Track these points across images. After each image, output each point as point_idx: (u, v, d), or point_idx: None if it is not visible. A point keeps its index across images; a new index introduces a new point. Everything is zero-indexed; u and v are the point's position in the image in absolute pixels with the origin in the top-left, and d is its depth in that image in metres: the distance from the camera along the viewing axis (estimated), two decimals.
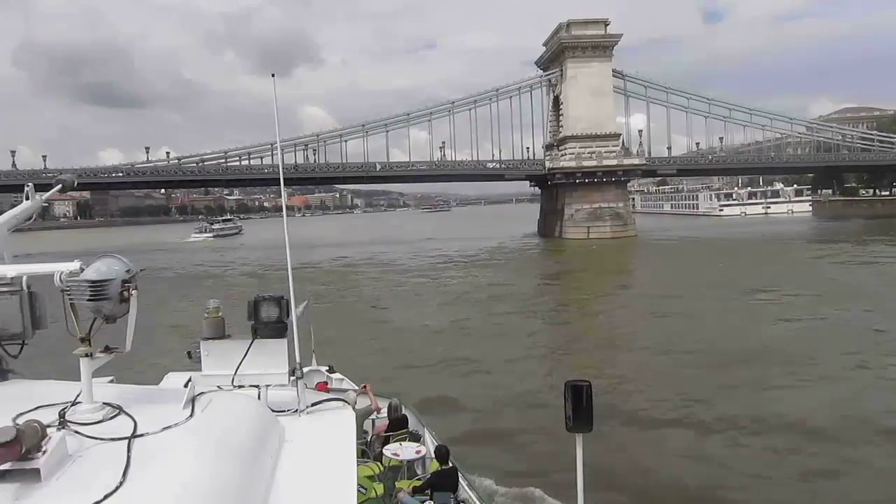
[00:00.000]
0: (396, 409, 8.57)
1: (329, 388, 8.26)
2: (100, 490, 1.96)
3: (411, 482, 7.50)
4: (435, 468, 7.36)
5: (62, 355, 2.75)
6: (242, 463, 2.52)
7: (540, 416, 13.65)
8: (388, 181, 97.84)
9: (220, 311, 3.74)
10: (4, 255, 3.55)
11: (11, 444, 1.90)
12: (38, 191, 4.27)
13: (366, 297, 35.16)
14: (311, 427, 3.28)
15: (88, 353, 2.58)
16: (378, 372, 14.86)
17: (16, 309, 2.99)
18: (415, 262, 54.77)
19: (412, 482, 7.50)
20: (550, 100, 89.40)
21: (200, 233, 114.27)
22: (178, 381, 4.03)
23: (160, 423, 2.43)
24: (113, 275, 2.56)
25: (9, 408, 2.39)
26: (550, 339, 24.25)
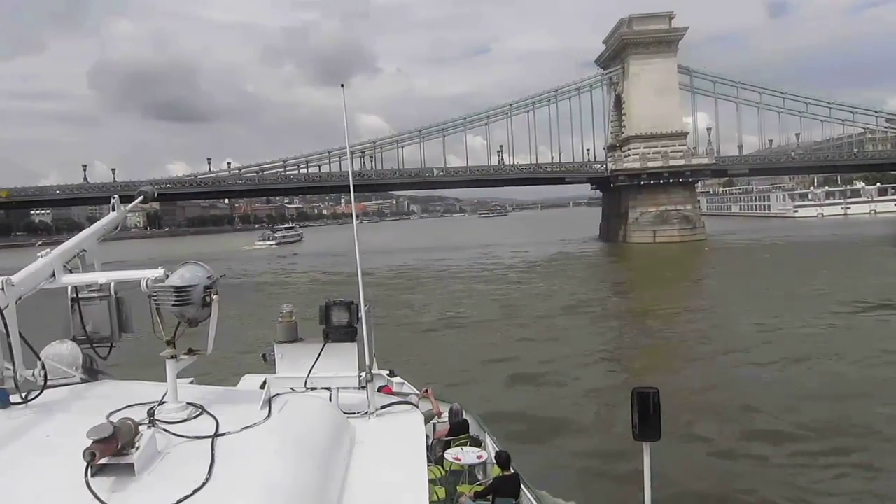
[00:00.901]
0: (457, 413, 8.51)
1: (391, 391, 8.09)
2: (188, 485, 2.06)
3: (472, 487, 7.51)
4: (496, 474, 7.38)
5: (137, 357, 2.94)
6: (318, 463, 2.60)
7: (604, 425, 13.43)
8: (445, 187, 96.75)
9: (293, 316, 3.79)
10: (95, 263, 3.58)
11: (109, 440, 2.02)
12: (124, 202, 4.32)
13: (423, 305, 33.87)
14: (381, 429, 3.29)
15: (173, 356, 2.68)
16: (437, 378, 14.41)
17: (105, 313, 3.23)
18: (473, 268, 53.13)
19: (473, 487, 7.51)
20: (612, 99, 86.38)
21: (264, 240, 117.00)
22: (254, 383, 4.26)
23: (240, 423, 2.52)
24: (196, 281, 2.69)
25: (101, 406, 2.56)
26: (618, 353, 22.52)
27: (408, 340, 22.39)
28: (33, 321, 2.96)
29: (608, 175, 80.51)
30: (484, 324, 27.57)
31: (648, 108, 78.75)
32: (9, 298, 2.71)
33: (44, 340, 3.13)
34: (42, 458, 2.20)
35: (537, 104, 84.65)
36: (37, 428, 2.48)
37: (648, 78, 78.88)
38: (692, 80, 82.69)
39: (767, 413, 14.30)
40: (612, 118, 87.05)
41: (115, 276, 3.21)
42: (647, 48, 79.45)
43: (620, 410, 12.09)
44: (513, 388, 17.24)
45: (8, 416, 2.60)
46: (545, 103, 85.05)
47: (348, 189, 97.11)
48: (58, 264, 3.19)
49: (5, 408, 2.68)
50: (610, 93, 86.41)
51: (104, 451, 2.02)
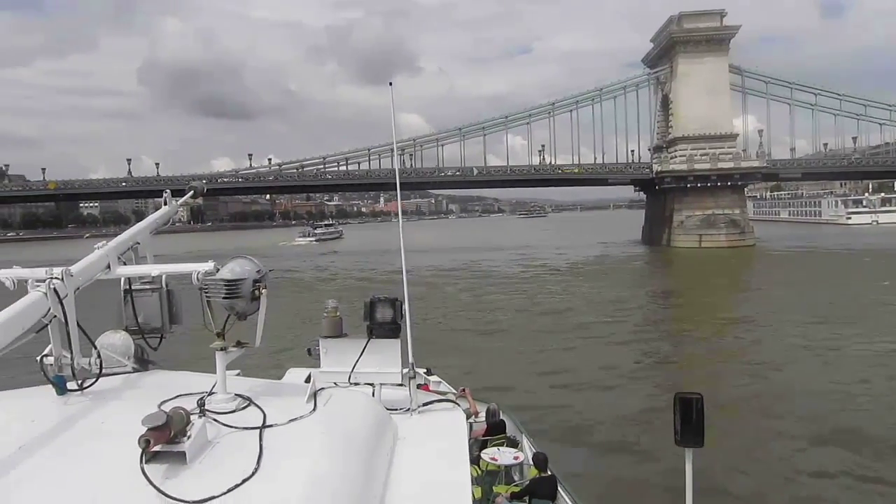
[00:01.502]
0: (494, 413, 8.47)
1: (429, 390, 7.90)
2: (238, 474, 2.10)
3: (509, 487, 7.47)
4: (533, 475, 7.33)
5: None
6: (363, 457, 2.62)
7: (645, 431, 13.28)
8: (484, 186, 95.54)
9: (338, 311, 3.93)
10: (147, 256, 3.63)
11: (162, 428, 2.07)
12: (175, 196, 4.37)
13: (460, 306, 32.94)
14: (423, 426, 3.28)
15: (223, 347, 2.71)
16: (474, 379, 14.11)
17: (156, 305, 3.28)
18: (513, 270, 51.94)
19: (510, 487, 7.47)
20: (658, 99, 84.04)
21: (304, 237, 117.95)
22: (299, 377, 4.78)
23: (287, 416, 2.55)
24: (245, 274, 2.70)
25: (153, 395, 2.60)
26: (663, 363, 21.34)
27: (445, 341, 21.93)
28: (83, 311, 2.95)
29: (653, 177, 78.23)
30: (522, 327, 26.73)
31: (697, 109, 76.21)
32: (68, 288, 2.76)
33: (95, 330, 3.14)
34: (98, 444, 2.26)
35: (580, 103, 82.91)
36: (92, 414, 2.54)
37: (698, 77, 76.29)
38: (743, 81, 79.84)
39: (817, 427, 13.74)
40: (659, 118, 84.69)
41: (167, 269, 3.27)
42: (697, 47, 76.88)
43: (663, 417, 12.61)
44: (551, 392, 16.91)
45: (65, 402, 2.66)
46: (588, 103, 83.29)
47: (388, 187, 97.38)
48: (113, 256, 3.29)
49: (62, 394, 2.72)
50: (656, 92, 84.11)
51: (158, 439, 2.06)
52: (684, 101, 77.94)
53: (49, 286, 2.70)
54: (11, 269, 2.93)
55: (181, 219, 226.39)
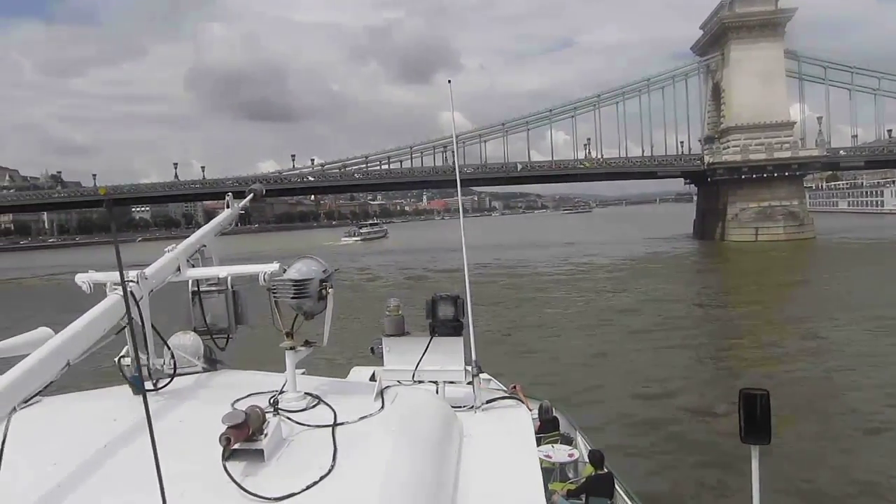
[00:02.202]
0: (547, 410, 8.37)
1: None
2: (315, 472, 2.14)
3: (565, 485, 7.38)
4: (588, 472, 7.23)
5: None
6: (433, 455, 2.62)
7: (707, 429, 13.08)
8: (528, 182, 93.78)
9: (400, 310, 3.74)
10: (213, 258, 3.66)
11: (241, 426, 2.11)
12: (237, 198, 4.41)
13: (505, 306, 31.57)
14: (488, 424, 3.25)
15: (292, 347, 2.74)
16: (524, 377, 13.93)
17: (223, 306, 3.37)
18: (558, 268, 50.30)
19: (566, 485, 7.38)
20: (709, 88, 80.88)
21: (350, 236, 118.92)
22: (363, 375, 4.84)
23: (356, 414, 2.58)
24: (312, 274, 2.71)
25: (225, 394, 2.68)
26: (722, 367, 19.76)
27: (493, 340, 21.32)
28: (154, 313, 3.02)
29: (704, 169, 75.19)
30: (573, 326, 25.58)
31: (751, 97, 72.90)
32: (143, 290, 2.85)
33: (166, 332, 3.17)
34: (178, 443, 2.28)
35: (627, 95, 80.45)
36: (169, 414, 2.58)
37: (752, 64, 72.92)
38: (800, 66, 76.04)
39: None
40: (710, 108, 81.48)
41: (234, 271, 3.34)
42: (751, 32, 73.49)
43: (727, 416, 12.15)
44: (603, 389, 16.44)
45: (141, 402, 2.54)
46: (635, 94, 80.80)
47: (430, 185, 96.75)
48: (182, 259, 3.34)
49: (138, 394, 2.69)
50: (707, 81, 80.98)
51: (237, 437, 2.08)
52: (737, 89, 74.66)
53: (126, 289, 2.66)
54: (88, 273, 3.01)
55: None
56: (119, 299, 2.73)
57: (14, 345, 2.92)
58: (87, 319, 2.58)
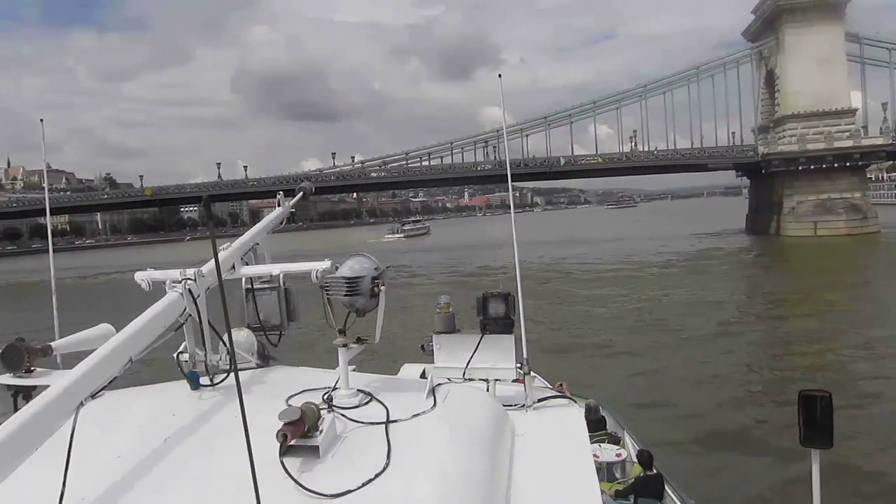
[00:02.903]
0: (595, 409, 8.09)
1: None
2: (370, 469, 2.12)
3: (612, 485, 7.16)
4: (637, 473, 7.07)
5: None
6: (486, 453, 2.58)
7: (764, 432, 12.68)
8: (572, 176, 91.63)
9: (450, 307, 3.73)
10: (266, 256, 3.73)
11: (297, 423, 2.13)
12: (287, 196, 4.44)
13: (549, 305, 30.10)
14: (540, 423, 3.22)
15: (345, 344, 2.75)
16: (572, 376, 13.25)
17: (275, 303, 3.40)
18: (606, 265, 48.37)
19: (613, 485, 7.17)
20: (762, 75, 77.25)
21: (393, 234, 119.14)
22: (414, 372, 4.73)
23: (409, 411, 2.57)
24: (364, 272, 2.73)
25: (279, 390, 2.68)
26: (783, 366, 18.57)
27: (537, 340, 20.34)
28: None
29: (758, 160, 71.80)
30: (619, 328, 24.20)
31: (808, 84, 69.15)
32: (200, 288, 2.88)
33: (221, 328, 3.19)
34: (235, 438, 2.25)
35: (675, 85, 77.51)
36: (225, 409, 2.62)
37: (809, 49, 69.06)
38: (862, 49, 71.84)
39: None
40: (763, 97, 77.87)
41: (287, 268, 3.36)
42: (807, 14, 69.61)
43: (786, 420, 11.52)
44: (653, 390, 15.87)
45: (199, 397, 2.79)
46: (684, 84, 77.86)
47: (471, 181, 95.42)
48: (237, 257, 3.40)
49: (196, 389, 2.83)
50: (760, 68, 77.35)
51: (294, 433, 2.11)
52: (793, 75, 70.91)
53: (184, 287, 2.80)
54: (146, 271, 3.07)
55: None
56: (178, 297, 2.79)
57: (78, 340, 3.16)
58: (148, 317, 2.63)
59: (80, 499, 1.95)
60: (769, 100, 76.80)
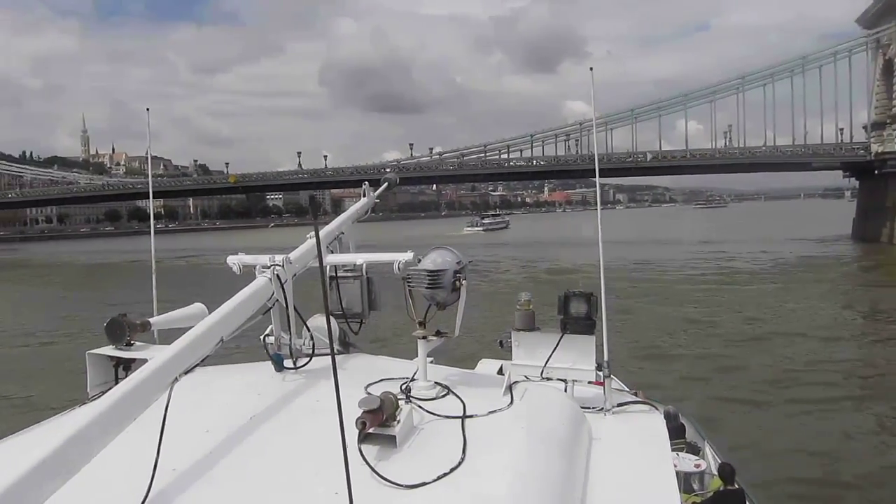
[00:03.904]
0: (674, 416, 7.75)
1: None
2: (445, 463, 2.12)
3: (690, 497, 6.95)
4: (716, 486, 6.88)
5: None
6: (562, 455, 2.56)
7: (864, 451, 12.09)
8: (657, 173, 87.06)
9: (531, 304, 3.73)
10: (350, 245, 3.81)
11: (376, 411, 2.15)
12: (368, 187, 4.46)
13: (633, 309, 27.62)
14: (618, 428, 3.15)
15: (424, 336, 2.78)
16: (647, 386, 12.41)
17: (357, 291, 3.44)
18: (693, 271, 44.82)
19: (690, 497, 6.99)
20: (879, 66, 70.13)
21: (472, 227, 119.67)
22: (491, 368, 4.66)
23: (485, 407, 2.57)
24: (446, 265, 2.74)
25: (358, 378, 2.73)
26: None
27: (615, 344, 18.42)
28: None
29: (871, 159, 65.39)
30: (705, 338, 21.78)
31: None
32: (287, 274, 2.97)
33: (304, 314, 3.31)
34: (316, 421, 2.39)
35: (777, 76, 71.76)
36: (307, 392, 2.72)
37: None
38: None
39: None
40: (878, 89, 70.66)
41: (370, 258, 3.40)
42: None
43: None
44: (741, 409, 14.57)
45: (283, 379, 2.89)
46: (786, 75, 71.90)
47: (551, 175, 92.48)
48: (323, 245, 3.43)
49: (280, 371, 2.94)
50: (876, 58, 70.28)
51: (373, 421, 2.14)
52: None
53: (273, 272, 2.89)
54: (238, 255, 3.17)
55: None
56: (266, 282, 2.87)
57: (173, 318, 3.33)
58: (239, 300, 2.70)
59: (172, 468, 2.02)
60: (885, 93, 69.71)
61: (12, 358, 22.07)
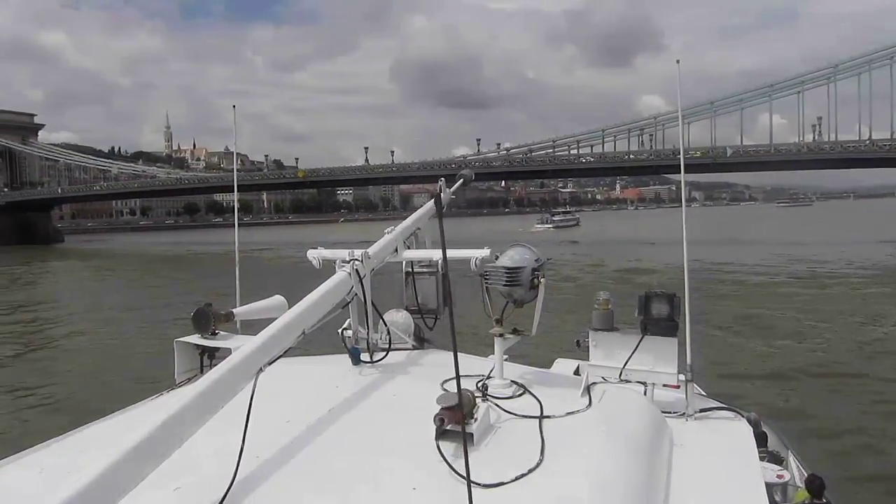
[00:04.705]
0: (756, 424, 5.93)
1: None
2: (523, 463, 2.10)
3: None
4: (801, 499, 6.14)
5: None
6: (644, 461, 2.50)
7: None
8: (737, 169, 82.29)
9: (609, 304, 3.65)
10: (426, 241, 3.85)
11: (454, 408, 2.13)
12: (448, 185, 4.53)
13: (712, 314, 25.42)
14: (701, 434, 3.06)
15: (501, 334, 2.77)
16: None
17: (432, 287, 3.54)
18: (779, 275, 41.38)
19: None
20: None
21: (542, 224, 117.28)
22: (567, 368, 4.59)
23: (563, 408, 2.54)
24: (525, 263, 2.73)
25: (434, 373, 2.76)
26: None
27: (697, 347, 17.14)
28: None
29: None
30: (794, 351, 19.07)
31: None
32: (366, 269, 3.00)
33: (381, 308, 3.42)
34: (393, 415, 2.48)
35: (875, 64, 66.26)
36: (384, 387, 2.77)
37: None
38: None
39: None
40: None
41: (447, 254, 3.39)
42: None
43: None
44: (836, 416, 12.91)
45: (360, 372, 2.95)
46: (885, 62, 66.25)
47: (623, 171, 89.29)
48: (400, 241, 3.49)
49: (357, 364, 3.00)
50: None
51: (451, 419, 2.14)
52: None
53: (353, 267, 2.92)
54: (317, 249, 3.27)
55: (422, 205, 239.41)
56: (346, 276, 2.88)
57: (255, 309, 3.41)
58: (320, 293, 2.73)
59: (255, 456, 2.07)
60: None
61: (104, 344, 22.16)
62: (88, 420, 2.75)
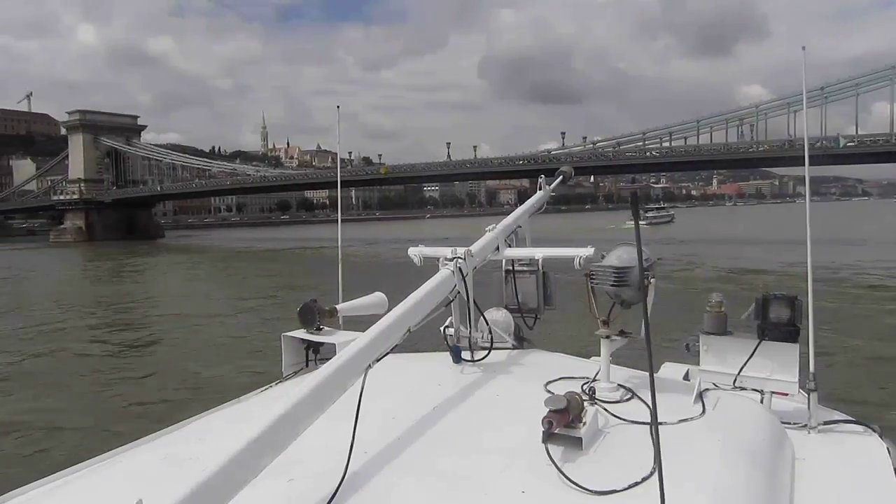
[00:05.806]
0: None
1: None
2: (636, 471, 2.01)
3: None
4: None
5: None
6: (764, 474, 2.36)
7: None
8: (849, 162, 74.90)
9: (722, 306, 3.47)
10: (527, 239, 3.83)
11: (563, 411, 2.09)
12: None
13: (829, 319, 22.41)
14: (826, 449, 2.85)
15: (608, 336, 2.72)
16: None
17: (532, 286, 3.47)
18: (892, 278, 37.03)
19: None
20: None
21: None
22: (674, 372, 4.35)
23: (675, 415, 2.45)
24: (633, 262, 2.65)
25: (536, 373, 2.77)
26: None
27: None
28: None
29: None
30: None
31: None
32: (469, 267, 2.97)
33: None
34: (497, 415, 2.44)
35: None
36: (486, 386, 2.73)
37: None
38: None
39: None
40: None
41: (548, 253, 3.40)
42: None
43: None
44: None
45: (461, 371, 2.93)
46: None
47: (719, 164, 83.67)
48: (501, 239, 3.44)
49: (458, 363, 2.97)
50: None
51: (559, 422, 2.10)
52: None
53: (455, 265, 2.89)
54: (418, 247, 3.27)
55: (508, 202, 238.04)
56: (450, 274, 2.86)
57: (356, 305, 3.45)
58: (424, 291, 2.72)
59: (364, 451, 2.10)
60: None
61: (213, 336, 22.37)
62: (204, 409, 2.77)
